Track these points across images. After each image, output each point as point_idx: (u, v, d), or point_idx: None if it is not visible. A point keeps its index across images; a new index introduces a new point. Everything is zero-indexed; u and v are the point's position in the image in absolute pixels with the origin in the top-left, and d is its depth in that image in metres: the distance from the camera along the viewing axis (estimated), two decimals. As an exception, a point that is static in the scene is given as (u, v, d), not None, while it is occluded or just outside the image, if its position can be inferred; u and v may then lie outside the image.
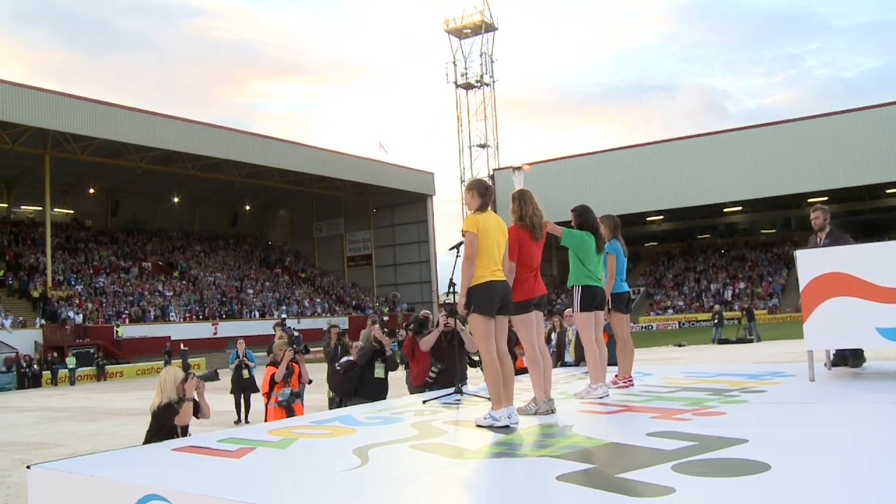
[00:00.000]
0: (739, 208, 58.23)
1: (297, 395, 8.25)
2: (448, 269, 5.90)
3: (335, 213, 65.03)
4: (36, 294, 38.62)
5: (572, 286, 6.41)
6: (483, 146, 63.53)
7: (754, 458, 3.43)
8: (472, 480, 3.51)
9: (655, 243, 66.72)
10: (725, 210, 59.11)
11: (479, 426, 4.98)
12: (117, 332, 37.47)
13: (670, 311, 54.99)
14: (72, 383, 31.64)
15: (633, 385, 6.88)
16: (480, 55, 62.20)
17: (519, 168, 6.42)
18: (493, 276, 5.10)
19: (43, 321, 36.36)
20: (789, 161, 47.84)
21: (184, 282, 48.65)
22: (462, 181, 64.81)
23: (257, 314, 47.79)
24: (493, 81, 62.91)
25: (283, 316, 12.54)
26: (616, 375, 6.99)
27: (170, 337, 38.66)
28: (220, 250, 57.77)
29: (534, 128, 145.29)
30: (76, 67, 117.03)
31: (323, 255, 66.46)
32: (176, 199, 56.59)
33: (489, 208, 5.30)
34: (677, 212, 58.74)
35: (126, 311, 40.65)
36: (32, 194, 44.66)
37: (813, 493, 2.88)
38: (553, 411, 5.40)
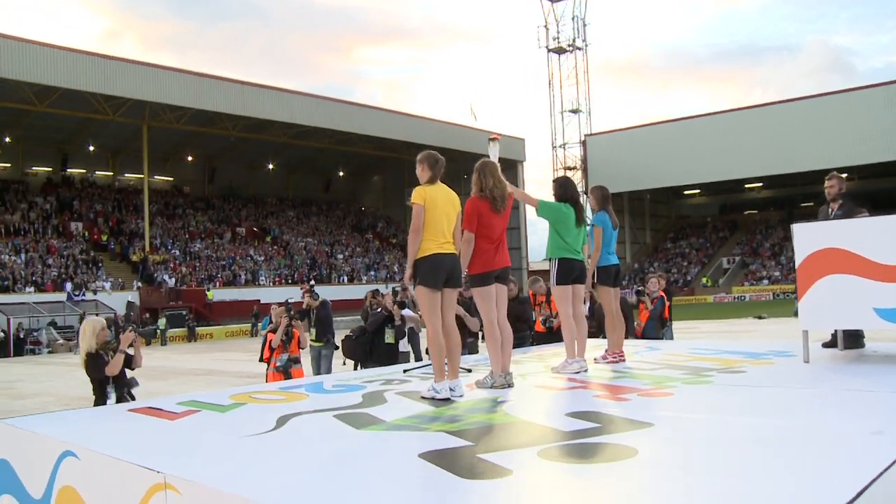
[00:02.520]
0: (845, 175, 55.05)
1: (296, 361, 8.54)
2: (539, 236, 5.99)
3: (426, 179, 65.27)
4: (135, 258, 40.80)
5: (549, 258, 6.28)
6: (575, 111, 62.49)
7: (634, 444, 3.30)
8: (339, 451, 3.55)
9: (755, 211, 64.23)
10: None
11: (422, 398, 5.01)
12: (208, 295, 39.16)
13: (765, 281, 53.01)
14: (163, 343, 33.45)
15: (623, 360, 6.71)
16: (572, 18, 60.95)
17: (494, 139, 6.26)
18: (441, 248, 5.07)
19: (140, 284, 38.43)
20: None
21: (275, 247, 50.27)
22: (553, 147, 64.13)
23: (346, 279, 48.93)
24: (586, 45, 61.64)
25: (311, 283, 12.58)
26: (606, 350, 6.84)
27: (259, 300, 40.11)
28: (313, 216, 59.21)
29: (638, 91, 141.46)
30: (187, 37, 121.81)
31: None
32: (271, 166, 58.17)
33: (439, 180, 5.26)
34: (778, 179, 56.27)
35: (218, 275, 42.44)
36: (135, 163, 46.87)
37: (644, 486, 2.77)
38: (510, 385, 5.35)
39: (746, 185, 60.93)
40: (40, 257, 37.48)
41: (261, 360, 12.44)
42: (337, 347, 11.04)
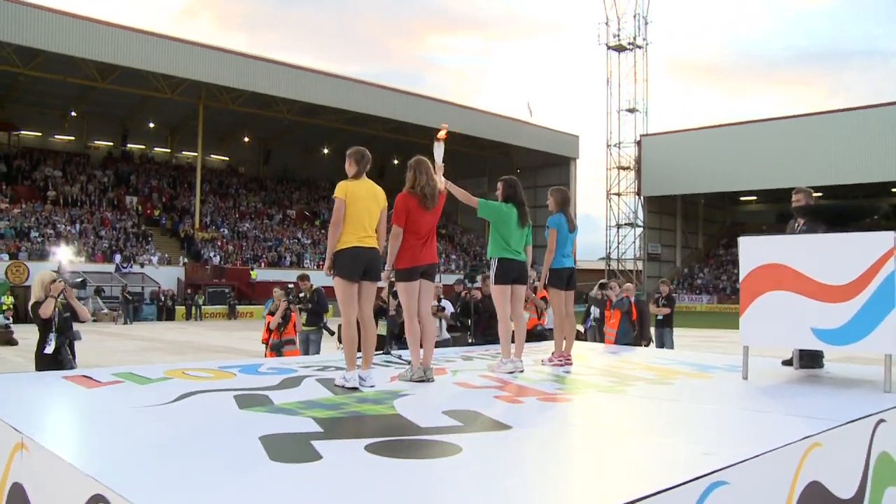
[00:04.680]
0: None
1: (290, 342, 9.07)
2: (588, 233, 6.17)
3: (479, 172, 65.01)
4: (184, 235, 41.95)
5: (490, 258, 6.35)
6: (632, 111, 61.69)
7: (467, 445, 3.37)
8: (197, 427, 3.77)
9: (813, 222, 62.30)
10: (895, 189, 54.17)
11: (336, 385, 5.17)
12: (252, 274, 40.02)
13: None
14: (198, 319, 34.47)
15: (569, 363, 6.74)
16: (634, 16, 60.10)
17: (439, 139, 6.34)
18: (361, 242, 5.22)
19: (186, 260, 39.53)
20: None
21: (324, 231, 51.00)
22: (608, 146, 63.40)
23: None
24: (646, 44, 60.69)
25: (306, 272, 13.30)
26: (552, 352, 6.87)
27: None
28: (366, 202, 59.75)
29: (706, 92, 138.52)
30: (262, 17, 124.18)
31: (465, 212, 66.83)
32: (325, 151, 58.88)
33: (364, 176, 5.42)
34: (837, 189, 54.50)
35: (263, 256, 43.33)
36: (192, 141, 48.10)
37: (418, 483, 2.87)
38: (429, 380, 5.47)
39: (804, 195, 59.25)
40: (94, 228, 38.86)
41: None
42: (332, 333, 11.36)
